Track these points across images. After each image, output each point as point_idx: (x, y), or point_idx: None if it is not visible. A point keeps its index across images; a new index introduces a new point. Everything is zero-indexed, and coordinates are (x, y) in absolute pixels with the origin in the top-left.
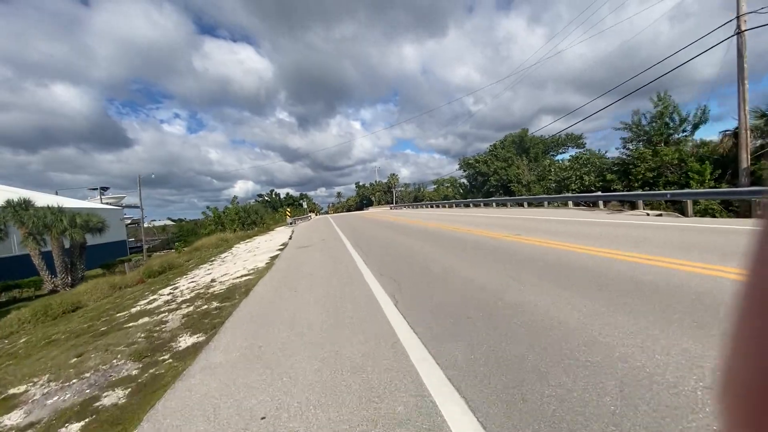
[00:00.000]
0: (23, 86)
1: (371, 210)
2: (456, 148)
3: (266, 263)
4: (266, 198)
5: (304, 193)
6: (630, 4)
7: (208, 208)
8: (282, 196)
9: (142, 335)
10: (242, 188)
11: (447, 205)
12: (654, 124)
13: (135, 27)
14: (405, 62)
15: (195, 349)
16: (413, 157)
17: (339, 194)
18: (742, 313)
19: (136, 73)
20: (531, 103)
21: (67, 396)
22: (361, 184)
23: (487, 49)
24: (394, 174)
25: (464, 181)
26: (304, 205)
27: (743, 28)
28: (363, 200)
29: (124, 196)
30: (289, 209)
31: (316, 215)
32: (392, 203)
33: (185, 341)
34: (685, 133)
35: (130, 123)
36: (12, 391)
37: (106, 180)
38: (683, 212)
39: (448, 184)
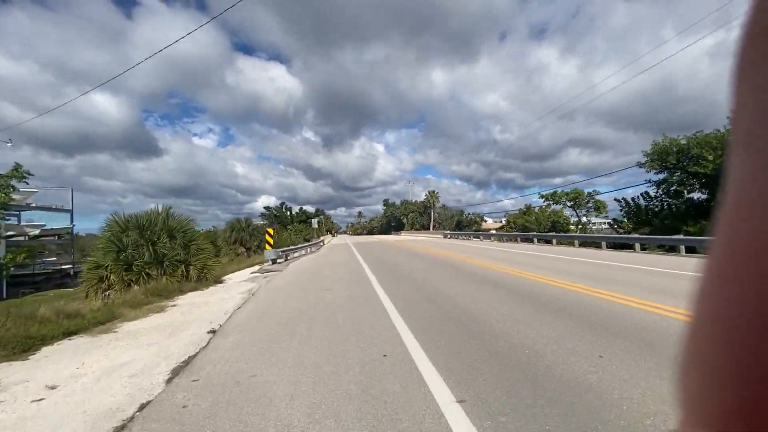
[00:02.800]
0: (65, 92)
1: (404, 236)
2: (479, 175)
3: None
4: (274, 212)
5: (320, 209)
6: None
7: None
8: (294, 212)
9: None
10: (265, 203)
11: (508, 239)
12: None
13: (172, 41)
14: (434, 87)
15: None
16: (434, 183)
17: (360, 214)
18: (698, 313)
19: (172, 85)
20: (558, 134)
21: None
22: (390, 202)
23: (518, 77)
24: (433, 192)
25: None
26: (314, 223)
27: None
28: (391, 221)
29: (35, 191)
30: (270, 233)
31: (333, 236)
32: (429, 227)
33: None
34: None
35: (162, 134)
36: None
37: (138, 187)
38: None
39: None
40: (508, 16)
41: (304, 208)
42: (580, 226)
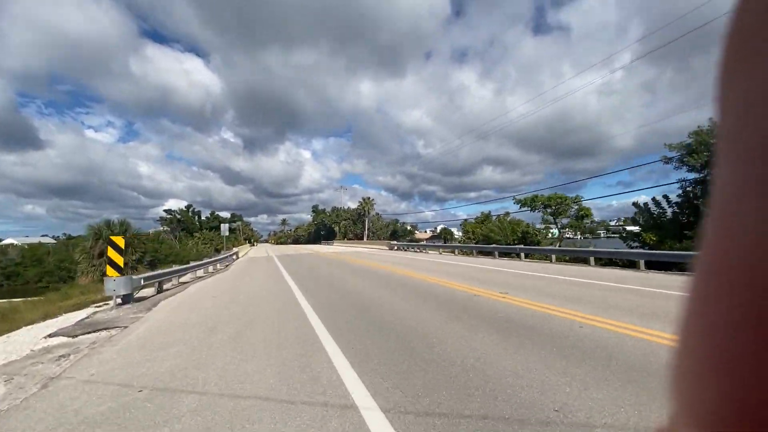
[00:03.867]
0: None
1: (338, 247)
2: (403, 187)
3: None
4: (177, 216)
5: (237, 214)
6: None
7: None
8: (205, 217)
9: None
10: (174, 207)
11: (465, 252)
12: None
13: (60, 15)
14: (362, 98)
15: None
16: (362, 192)
17: (284, 222)
18: (690, 311)
19: (60, 68)
20: (475, 152)
21: None
22: (321, 208)
23: (441, 96)
24: (368, 198)
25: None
26: (224, 230)
27: None
28: (321, 230)
29: None
30: (118, 244)
31: (253, 246)
32: (363, 236)
33: None
34: None
35: (45, 123)
36: None
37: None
38: None
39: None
40: (434, 38)
41: (221, 214)
42: (568, 236)
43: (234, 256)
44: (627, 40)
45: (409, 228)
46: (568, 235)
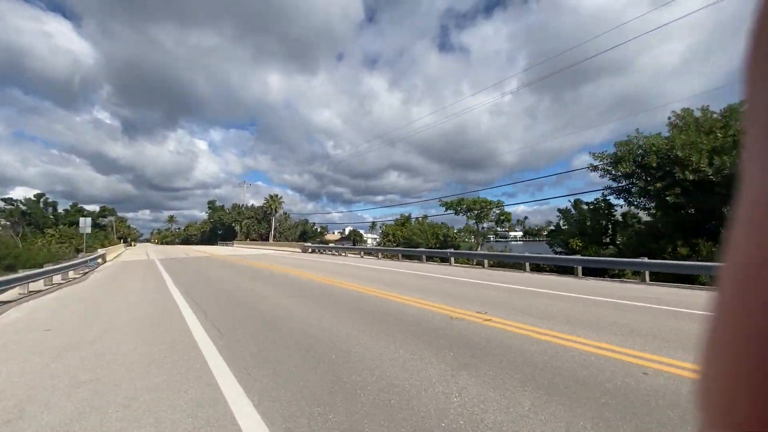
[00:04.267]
0: None
1: (240, 248)
2: (311, 187)
3: None
4: (22, 207)
5: (109, 207)
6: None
7: None
8: (63, 210)
9: None
10: (20, 197)
11: (388, 255)
12: None
13: None
14: (269, 91)
15: None
16: (266, 190)
17: (172, 219)
18: (718, 316)
19: None
20: (382, 156)
21: None
22: (218, 205)
23: (351, 99)
24: (275, 196)
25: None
26: (84, 225)
27: None
28: (218, 229)
29: None
30: None
31: (130, 246)
32: (269, 237)
33: None
34: None
35: None
36: None
37: None
38: None
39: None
40: (346, 39)
41: (88, 207)
42: (496, 239)
43: (99, 260)
44: (516, 68)
45: (318, 229)
46: (490, 238)
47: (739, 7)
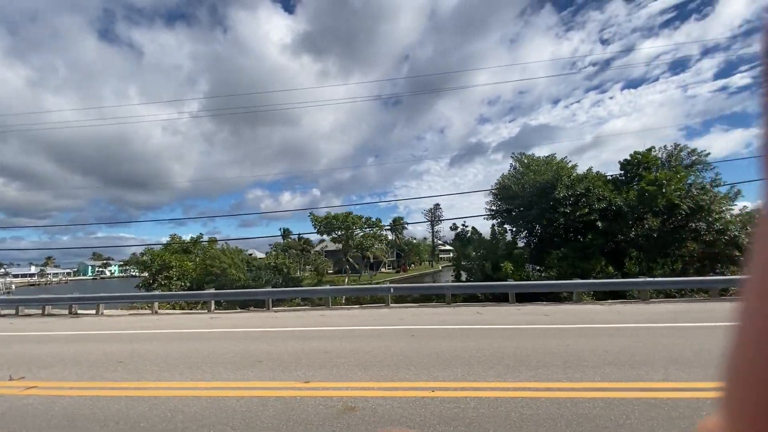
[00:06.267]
0: None
1: None
2: None
3: None
4: None
5: None
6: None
7: None
8: None
9: None
10: None
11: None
12: None
13: None
14: None
15: None
16: None
17: None
18: (744, 317)
19: None
20: None
21: None
22: None
23: None
24: None
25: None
26: None
27: None
28: None
29: None
30: None
31: None
32: None
33: None
34: None
35: None
36: None
37: None
38: None
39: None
40: None
41: None
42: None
43: None
44: (196, 91)
45: None
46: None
47: (359, 107)
